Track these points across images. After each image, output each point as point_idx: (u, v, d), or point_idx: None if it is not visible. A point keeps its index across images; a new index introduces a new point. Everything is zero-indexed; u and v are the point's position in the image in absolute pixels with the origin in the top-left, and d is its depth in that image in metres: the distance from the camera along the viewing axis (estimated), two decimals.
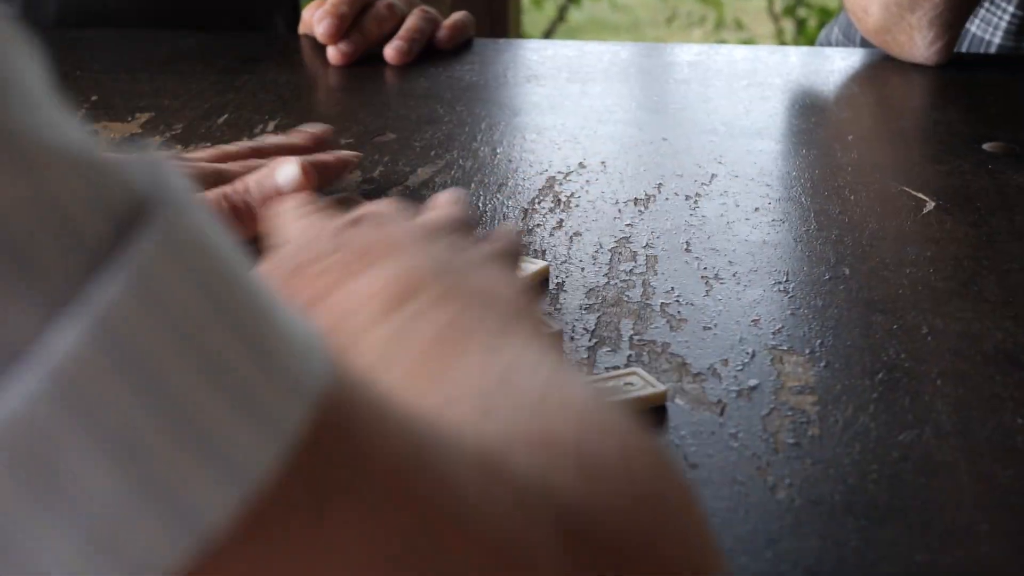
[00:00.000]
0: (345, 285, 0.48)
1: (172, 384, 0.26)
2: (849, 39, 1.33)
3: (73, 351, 0.25)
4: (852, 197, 0.86)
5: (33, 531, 0.25)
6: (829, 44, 1.38)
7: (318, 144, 0.86)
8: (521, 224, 0.81)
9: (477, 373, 0.42)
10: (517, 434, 0.37)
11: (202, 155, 0.82)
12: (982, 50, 1.25)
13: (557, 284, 0.73)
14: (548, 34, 3.95)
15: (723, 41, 3.82)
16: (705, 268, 0.75)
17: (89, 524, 0.25)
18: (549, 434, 0.37)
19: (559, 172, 0.91)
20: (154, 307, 0.27)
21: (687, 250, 0.78)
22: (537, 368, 0.42)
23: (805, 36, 3.78)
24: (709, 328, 0.68)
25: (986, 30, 1.24)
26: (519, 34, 2.90)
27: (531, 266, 0.73)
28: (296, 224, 0.58)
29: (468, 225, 0.59)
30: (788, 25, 3.91)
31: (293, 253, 0.52)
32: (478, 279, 0.49)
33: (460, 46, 1.22)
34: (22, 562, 0.25)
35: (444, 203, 0.62)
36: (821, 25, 3.68)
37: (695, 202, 0.85)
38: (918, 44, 1.12)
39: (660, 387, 0.61)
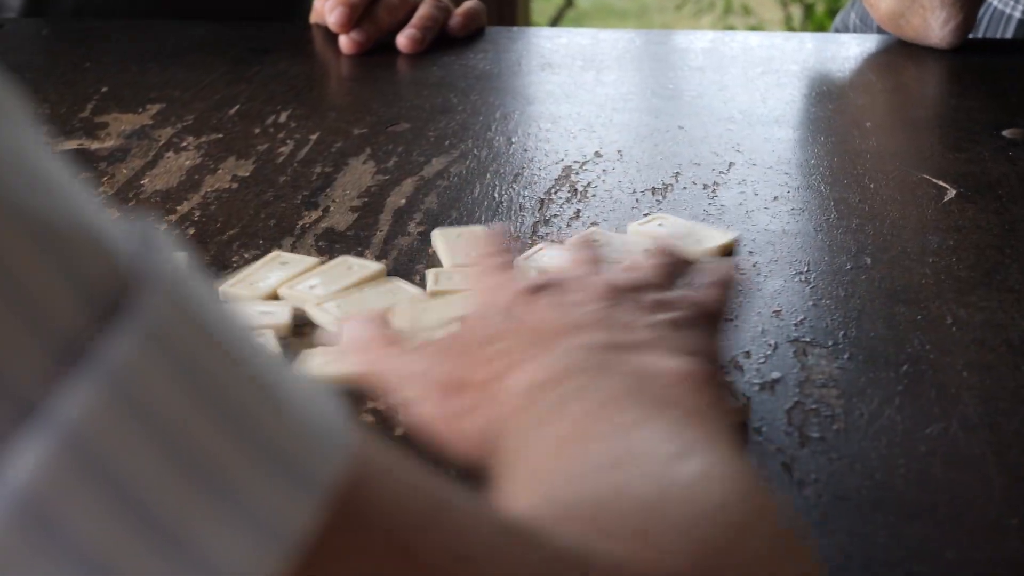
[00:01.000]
0: (515, 371, 0.49)
1: (154, 500, 0.25)
2: (866, 24, 1.32)
3: (38, 471, 0.24)
4: (872, 185, 0.85)
5: None
6: (846, 29, 1.37)
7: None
8: (538, 215, 0.80)
9: (600, 458, 0.42)
10: (587, 513, 0.37)
11: None
12: (1002, 24, 1.23)
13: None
14: (555, 21, 3.94)
15: (731, 27, 3.80)
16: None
17: None
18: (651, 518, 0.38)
19: (575, 161, 0.90)
20: (133, 416, 0.25)
21: None
22: (667, 457, 0.42)
23: (813, 22, 3.76)
24: (730, 319, 0.67)
25: (1007, 3, 1.22)
26: (527, 21, 2.89)
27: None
28: (482, 283, 0.58)
29: (670, 278, 0.57)
30: (796, 11, 3.89)
31: (472, 327, 0.53)
32: (642, 359, 0.49)
33: (472, 34, 1.21)
34: None
35: (653, 256, 0.59)
36: (829, 11, 3.67)
37: (713, 191, 0.84)
38: (932, 26, 1.11)
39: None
